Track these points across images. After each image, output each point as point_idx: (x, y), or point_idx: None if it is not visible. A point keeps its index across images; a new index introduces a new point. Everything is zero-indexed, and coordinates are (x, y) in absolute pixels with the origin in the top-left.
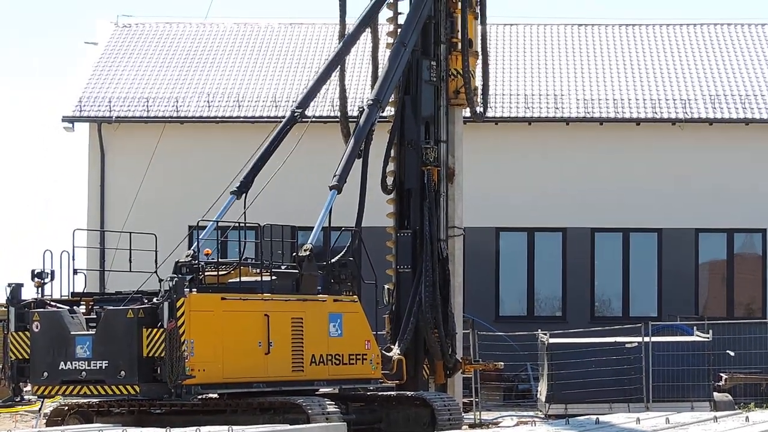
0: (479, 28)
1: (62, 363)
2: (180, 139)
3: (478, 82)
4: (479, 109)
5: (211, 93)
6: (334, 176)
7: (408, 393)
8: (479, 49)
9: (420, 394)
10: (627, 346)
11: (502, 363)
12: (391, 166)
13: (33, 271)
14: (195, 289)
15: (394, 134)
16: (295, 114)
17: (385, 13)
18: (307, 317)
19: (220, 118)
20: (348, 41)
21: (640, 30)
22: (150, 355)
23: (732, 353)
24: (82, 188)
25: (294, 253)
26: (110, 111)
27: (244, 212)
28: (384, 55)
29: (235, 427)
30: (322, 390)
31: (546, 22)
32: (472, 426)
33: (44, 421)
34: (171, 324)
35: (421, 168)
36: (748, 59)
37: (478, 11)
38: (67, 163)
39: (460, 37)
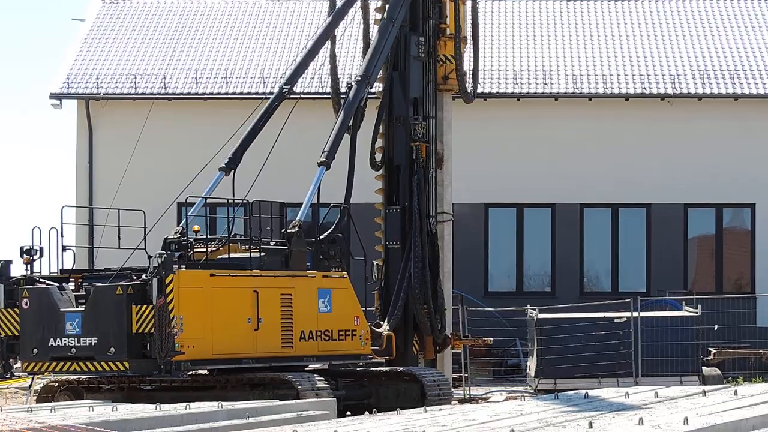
0: (469, 12)
1: (52, 340)
2: (168, 116)
3: (467, 66)
4: (470, 89)
5: (199, 69)
6: (323, 152)
7: (397, 369)
8: (468, 34)
9: (409, 369)
10: (616, 321)
11: (492, 338)
12: (379, 143)
13: (22, 248)
14: (184, 266)
15: (382, 110)
16: (284, 90)
17: None
18: (296, 293)
19: (208, 94)
20: (336, 16)
21: (629, 5)
22: (139, 331)
23: (715, 327)
24: (70, 165)
25: (283, 230)
26: (98, 88)
27: (233, 189)
28: (373, 30)
29: (224, 403)
30: (312, 366)
31: None
32: (461, 401)
33: (34, 397)
34: (160, 300)
35: (409, 144)
36: (737, 34)
37: None
38: (55, 140)
39: (448, 23)
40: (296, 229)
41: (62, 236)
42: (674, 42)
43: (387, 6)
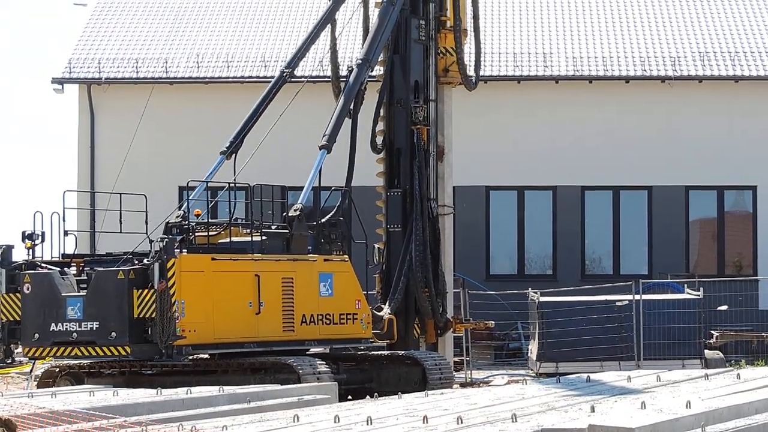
0: (469, 4)
1: (53, 324)
2: (169, 100)
3: (469, 59)
4: (472, 78)
5: (200, 53)
6: (324, 136)
7: (399, 352)
8: (469, 26)
9: (411, 353)
10: (618, 304)
11: (493, 322)
12: (380, 126)
13: (24, 233)
14: (185, 250)
15: (383, 93)
16: (284, 74)
17: None
18: (297, 277)
19: (209, 78)
20: (337, 0)
21: None
22: (141, 316)
23: (724, 307)
24: (72, 150)
25: (284, 213)
26: (100, 72)
27: (234, 172)
28: (373, 14)
29: (226, 388)
30: (313, 350)
31: None
32: (463, 385)
33: (35, 382)
34: (162, 285)
35: (410, 127)
36: (738, 16)
37: None
38: (57, 125)
39: (449, 15)
40: (297, 212)
41: (64, 221)
42: (674, 24)
43: None
